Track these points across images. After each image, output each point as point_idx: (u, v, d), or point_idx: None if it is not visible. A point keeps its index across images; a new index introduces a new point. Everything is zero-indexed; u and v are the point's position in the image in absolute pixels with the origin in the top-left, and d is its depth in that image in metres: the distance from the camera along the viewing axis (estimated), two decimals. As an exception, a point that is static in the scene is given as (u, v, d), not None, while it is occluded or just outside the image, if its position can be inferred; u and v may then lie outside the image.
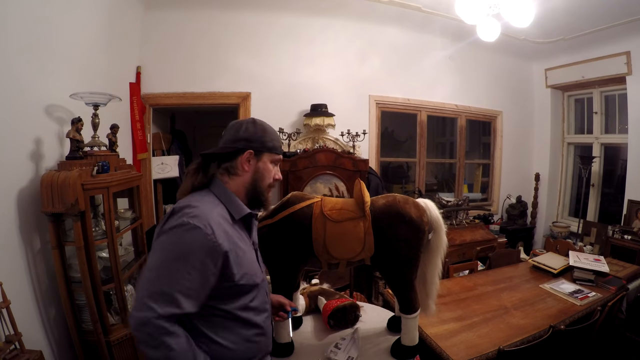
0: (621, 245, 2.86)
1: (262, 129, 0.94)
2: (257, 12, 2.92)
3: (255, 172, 0.93)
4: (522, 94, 4.17)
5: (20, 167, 1.46)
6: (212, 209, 0.83)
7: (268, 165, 0.95)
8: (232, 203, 0.89)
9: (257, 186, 0.93)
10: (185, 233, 0.76)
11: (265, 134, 0.94)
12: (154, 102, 2.85)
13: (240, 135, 0.92)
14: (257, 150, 0.92)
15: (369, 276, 2.89)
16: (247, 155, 0.91)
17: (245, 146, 0.91)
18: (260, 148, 0.93)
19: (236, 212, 0.89)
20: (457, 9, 2.29)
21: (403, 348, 1.21)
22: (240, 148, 0.91)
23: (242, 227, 0.93)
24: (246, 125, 0.93)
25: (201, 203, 0.83)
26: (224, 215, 0.86)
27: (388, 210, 1.18)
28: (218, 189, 0.91)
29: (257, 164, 0.93)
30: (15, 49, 1.41)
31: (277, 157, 0.97)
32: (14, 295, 1.27)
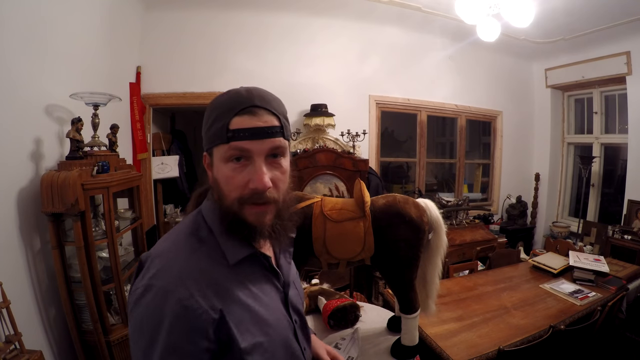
0: (621, 245, 2.86)
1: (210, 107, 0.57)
2: (257, 12, 2.92)
3: (214, 184, 0.59)
4: (522, 94, 4.17)
5: (20, 167, 1.46)
6: (192, 251, 0.55)
7: (221, 168, 0.55)
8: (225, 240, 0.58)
9: (220, 205, 0.57)
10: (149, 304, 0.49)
11: (209, 116, 0.57)
12: (154, 102, 2.85)
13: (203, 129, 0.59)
14: (207, 148, 0.58)
15: (369, 276, 2.89)
16: (205, 160, 0.60)
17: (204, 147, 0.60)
18: (208, 143, 0.58)
19: (230, 251, 0.57)
20: (457, 9, 2.29)
21: (403, 348, 1.21)
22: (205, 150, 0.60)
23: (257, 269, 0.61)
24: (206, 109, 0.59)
25: (174, 243, 0.57)
26: (212, 256, 0.56)
27: (388, 210, 1.18)
28: (208, 212, 0.60)
29: (212, 171, 0.59)
30: (16, 49, 1.40)
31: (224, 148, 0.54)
32: (14, 295, 1.27)
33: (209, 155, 0.59)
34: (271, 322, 0.58)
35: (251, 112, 0.54)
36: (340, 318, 1.40)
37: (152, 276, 0.51)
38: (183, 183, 3.39)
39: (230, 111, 0.54)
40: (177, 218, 3.04)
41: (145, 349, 0.49)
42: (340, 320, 1.40)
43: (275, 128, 0.55)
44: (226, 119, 0.54)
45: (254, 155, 0.54)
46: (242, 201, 0.55)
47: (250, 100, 0.55)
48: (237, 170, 0.54)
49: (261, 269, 0.61)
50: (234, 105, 0.54)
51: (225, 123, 0.53)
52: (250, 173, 0.54)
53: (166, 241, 0.58)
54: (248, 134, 0.53)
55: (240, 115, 0.54)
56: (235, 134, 0.53)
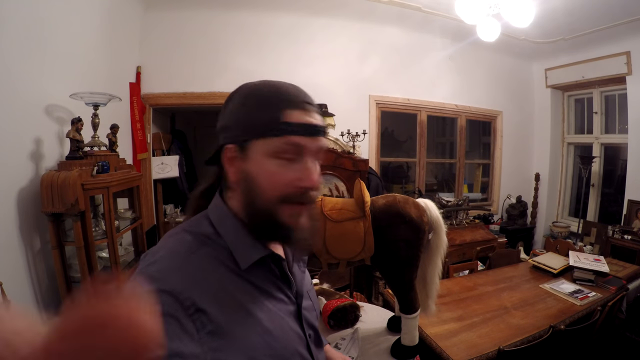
0: (621, 245, 2.87)
1: (247, 97, 0.52)
2: (257, 12, 2.92)
3: (244, 182, 0.51)
4: (522, 94, 4.17)
5: (20, 167, 1.46)
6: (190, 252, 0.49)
7: (264, 163, 0.50)
8: (236, 243, 0.52)
9: (250, 207, 0.52)
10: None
11: (249, 106, 0.51)
12: (154, 102, 2.85)
13: (220, 122, 0.54)
14: (238, 140, 0.51)
15: (369, 276, 2.89)
16: (226, 154, 0.52)
17: (227, 140, 0.52)
18: (243, 134, 0.50)
19: (242, 255, 0.52)
20: (457, 9, 2.29)
21: (403, 348, 1.21)
22: (221, 144, 0.53)
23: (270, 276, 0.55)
24: (231, 98, 0.54)
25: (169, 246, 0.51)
26: (217, 257, 0.50)
27: (388, 210, 1.18)
28: (215, 212, 0.55)
29: (244, 166, 0.51)
30: (16, 49, 1.40)
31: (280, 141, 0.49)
32: (14, 295, 1.27)
33: (239, 148, 0.51)
34: (276, 335, 0.51)
35: (304, 108, 0.51)
36: (340, 318, 1.40)
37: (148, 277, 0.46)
38: (183, 183, 3.39)
39: (281, 102, 0.50)
40: (177, 218, 3.04)
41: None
42: (340, 320, 1.40)
43: (323, 128, 0.53)
44: (277, 110, 0.49)
45: (305, 152, 0.51)
46: (283, 199, 0.50)
47: (302, 94, 0.52)
48: (285, 167, 0.50)
49: (271, 275, 0.56)
50: (284, 97, 0.50)
51: (277, 114, 0.49)
52: (300, 170, 0.50)
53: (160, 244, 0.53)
54: (303, 129, 0.49)
55: (292, 109, 0.50)
56: (290, 127, 0.49)
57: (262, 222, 0.52)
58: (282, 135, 0.49)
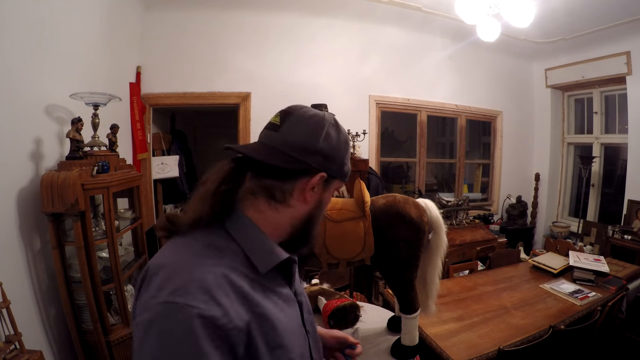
0: (621, 245, 2.87)
1: (346, 141, 0.62)
2: (257, 12, 2.92)
3: (316, 205, 0.61)
4: (522, 94, 4.17)
5: (20, 167, 1.46)
6: (213, 263, 0.50)
7: (329, 196, 0.65)
8: (256, 249, 0.55)
9: (310, 225, 0.61)
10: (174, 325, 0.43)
11: (347, 149, 0.63)
12: (154, 102, 2.85)
13: (319, 145, 0.57)
14: (331, 174, 0.59)
15: (369, 276, 2.89)
16: (319, 180, 0.58)
17: (322, 166, 0.57)
18: (335, 172, 0.60)
19: (262, 259, 0.54)
20: (457, 9, 2.29)
21: (403, 348, 1.21)
22: (313, 167, 0.57)
23: (278, 278, 0.59)
24: (329, 128, 0.59)
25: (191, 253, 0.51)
26: (237, 268, 0.52)
27: (388, 210, 1.18)
28: (240, 230, 0.56)
29: (322, 194, 0.61)
30: (16, 49, 1.40)
31: (340, 184, 0.65)
32: (14, 295, 1.27)
33: (324, 181, 0.60)
34: (295, 333, 0.57)
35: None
36: (340, 318, 1.40)
37: (172, 292, 0.44)
38: (183, 183, 3.39)
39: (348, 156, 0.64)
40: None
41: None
42: (340, 320, 1.40)
43: None
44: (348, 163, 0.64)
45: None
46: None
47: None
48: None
49: (279, 277, 0.59)
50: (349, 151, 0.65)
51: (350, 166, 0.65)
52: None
53: (179, 252, 0.52)
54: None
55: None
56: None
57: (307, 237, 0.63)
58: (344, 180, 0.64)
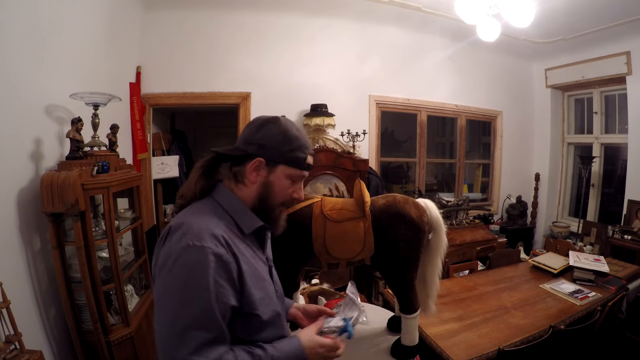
0: (621, 245, 2.87)
1: (284, 133, 0.77)
2: (257, 12, 2.92)
3: (263, 186, 0.78)
4: (522, 94, 4.17)
5: (20, 167, 1.46)
6: (217, 222, 0.72)
7: (282, 180, 0.79)
8: (241, 214, 0.77)
9: (263, 202, 0.79)
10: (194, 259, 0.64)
11: (286, 141, 0.77)
12: (154, 102, 2.85)
13: (255, 136, 0.77)
14: (270, 159, 0.77)
15: (369, 276, 2.89)
16: (256, 164, 0.76)
17: (257, 152, 0.76)
18: (275, 158, 0.77)
19: (246, 224, 0.77)
20: (457, 9, 2.29)
21: (403, 348, 1.21)
22: (250, 153, 0.76)
23: (254, 242, 0.81)
24: (267, 125, 0.78)
25: (202, 217, 0.72)
26: (232, 229, 0.74)
27: (388, 210, 1.18)
28: (224, 197, 0.78)
29: (267, 176, 0.78)
30: (15, 49, 1.40)
31: (297, 172, 0.80)
32: (14, 295, 1.27)
33: (267, 165, 0.77)
34: (266, 283, 0.78)
35: (312, 154, 0.85)
36: (340, 318, 1.39)
37: (192, 238, 0.65)
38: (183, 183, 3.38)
39: (307, 149, 0.81)
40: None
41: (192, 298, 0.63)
42: (340, 320, 1.39)
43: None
44: (305, 155, 0.80)
45: (302, 179, 0.84)
46: (283, 204, 0.83)
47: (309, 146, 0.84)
48: (290, 185, 0.81)
49: (256, 241, 0.82)
50: (308, 145, 0.82)
51: (305, 157, 0.80)
52: (295, 188, 0.82)
53: (192, 215, 0.73)
54: (308, 168, 0.82)
55: (310, 155, 0.83)
56: (306, 166, 0.81)
57: (266, 212, 0.80)
58: (301, 170, 0.81)
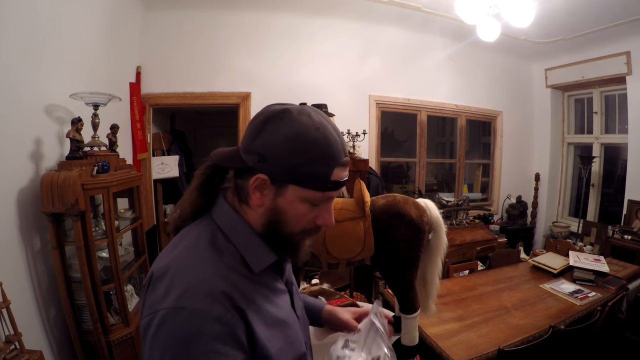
0: (621, 245, 2.87)
1: (294, 138, 0.52)
2: (257, 12, 2.92)
3: (271, 211, 0.56)
4: (522, 94, 4.17)
5: (20, 167, 1.46)
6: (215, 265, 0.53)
7: (296, 205, 0.55)
8: (248, 245, 0.57)
9: (275, 232, 0.57)
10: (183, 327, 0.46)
11: (294, 150, 0.51)
12: (154, 102, 2.85)
13: (255, 142, 0.53)
14: (275, 177, 0.53)
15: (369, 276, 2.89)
16: (258, 182, 0.54)
17: (257, 165, 0.53)
18: (281, 175, 0.53)
19: (255, 260, 0.57)
20: (457, 9, 2.29)
21: (403, 348, 1.21)
22: (250, 168, 0.54)
23: (269, 272, 0.61)
24: (271, 123, 0.53)
25: (194, 259, 0.53)
26: (236, 268, 0.54)
27: (388, 210, 1.18)
28: (225, 220, 0.57)
29: (274, 200, 0.55)
30: (15, 49, 1.40)
31: (316, 195, 0.55)
32: (14, 295, 1.27)
33: (273, 183, 0.54)
34: (289, 324, 0.60)
35: (345, 164, 0.56)
36: (340, 318, 1.39)
37: (180, 296, 0.48)
38: (183, 183, 3.38)
39: (331, 160, 0.54)
40: (177, 218, 3.04)
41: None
42: (340, 320, 1.39)
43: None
44: (328, 169, 0.54)
45: (328, 201, 0.59)
46: (304, 233, 0.59)
47: (344, 149, 0.56)
48: (311, 210, 0.57)
49: (271, 272, 0.62)
50: (334, 153, 0.54)
51: (328, 173, 0.54)
52: (321, 212, 0.58)
53: (183, 253, 0.54)
54: (339, 185, 0.56)
55: (338, 167, 0.55)
56: (333, 185, 0.55)
57: (281, 244, 0.59)
58: (322, 192, 0.55)
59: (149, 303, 0.50)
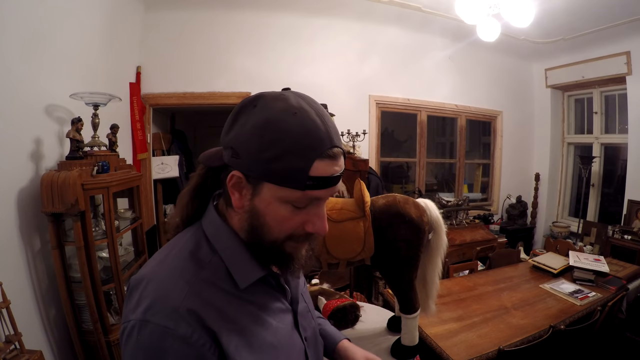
0: (621, 245, 2.86)
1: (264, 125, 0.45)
2: (257, 12, 2.92)
3: (250, 214, 0.50)
4: (522, 94, 4.17)
5: (20, 167, 1.46)
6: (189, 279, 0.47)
7: (275, 207, 0.48)
8: (233, 257, 0.51)
9: (257, 236, 0.50)
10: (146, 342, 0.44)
11: (264, 140, 0.45)
12: (154, 102, 2.85)
13: (229, 135, 0.49)
14: (249, 175, 0.47)
15: (369, 276, 2.89)
16: (233, 180, 0.49)
17: (233, 163, 0.48)
18: (253, 171, 0.47)
19: (241, 274, 0.51)
20: (457, 9, 2.29)
21: (403, 348, 1.21)
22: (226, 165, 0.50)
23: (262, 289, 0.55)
24: (244, 112, 0.48)
25: (169, 270, 0.49)
26: (215, 283, 0.49)
27: (388, 210, 1.18)
28: (212, 228, 0.53)
29: (253, 200, 0.49)
30: (15, 49, 1.40)
31: (295, 194, 0.47)
32: (14, 295, 1.27)
33: (249, 182, 0.48)
34: (281, 348, 0.53)
35: (332, 156, 0.47)
36: (340, 318, 1.40)
37: (147, 309, 0.45)
38: (183, 183, 3.39)
39: (310, 151, 0.45)
40: (177, 218, 3.04)
41: None
42: (340, 320, 1.40)
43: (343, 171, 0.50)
44: (306, 162, 0.45)
45: (320, 201, 0.50)
46: (289, 238, 0.51)
47: (330, 138, 0.46)
48: (295, 213, 0.49)
49: (268, 288, 0.56)
50: (314, 143, 0.45)
51: (305, 168, 0.45)
52: (309, 215, 0.50)
53: (161, 263, 0.51)
54: (326, 182, 0.47)
55: (321, 159, 0.46)
56: (315, 182, 0.46)
57: (266, 252, 0.52)
58: (304, 190, 0.46)
59: (124, 312, 0.48)
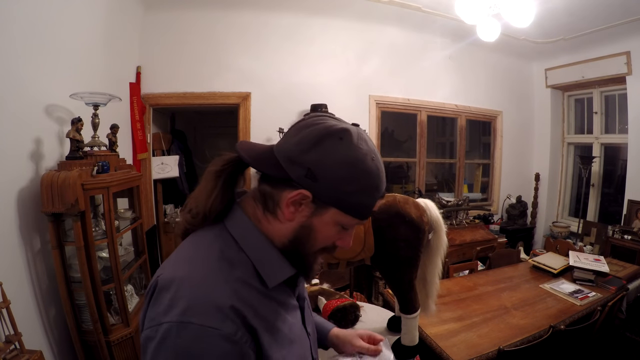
0: (621, 245, 2.86)
1: (354, 164, 0.51)
2: (258, 12, 2.92)
3: (301, 228, 0.54)
4: (522, 94, 4.17)
5: (20, 167, 1.45)
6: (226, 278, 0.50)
7: (329, 227, 0.55)
8: (264, 260, 0.54)
9: (297, 248, 0.55)
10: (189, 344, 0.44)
11: (352, 177, 0.51)
12: (154, 102, 2.85)
13: (307, 156, 0.51)
14: (321, 199, 0.51)
15: (369, 276, 2.89)
16: (298, 197, 0.51)
17: (303, 181, 0.51)
18: (329, 198, 0.51)
19: (271, 275, 0.54)
20: (457, 9, 2.29)
21: (403, 348, 1.21)
22: (291, 180, 0.51)
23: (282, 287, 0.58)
24: (330, 141, 0.51)
25: (203, 268, 0.50)
26: (249, 282, 0.52)
27: (388, 210, 1.18)
28: (241, 231, 0.55)
29: (310, 218, 0.53)
30: (15, 49, 1.40)
31: (353, 221, 0.55)
32: (14, 295, 1.27)
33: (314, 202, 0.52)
34: (297, 342, 0.58)
35: (383, 196, 0.57)
36: (340, 318, 1.40)
37: (185, 310, 0.45)
38: (183, 183, 3.39)
39: (377, 191, 0.54)
40: (176, 218, 3.04)
41: None
42: (340, 320, 1.40)
43: None
44: (373, 200, 0.54)
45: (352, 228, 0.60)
46: (322, 250, 0.59)
47: (384, 182, 0.57)
48: (339, 232, 0.57)
49: (285, 286, 0.59)
50: (380, 185, 0.54)
51: (372, 204, 0.55)
52: (344, 235, 0.58)
53: (190, 264, 0.51)
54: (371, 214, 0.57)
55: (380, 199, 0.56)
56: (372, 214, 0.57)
57: (300, 260, 0.57)
58: (360, 220, 0.55)
59: (151, 315, 0.47)
